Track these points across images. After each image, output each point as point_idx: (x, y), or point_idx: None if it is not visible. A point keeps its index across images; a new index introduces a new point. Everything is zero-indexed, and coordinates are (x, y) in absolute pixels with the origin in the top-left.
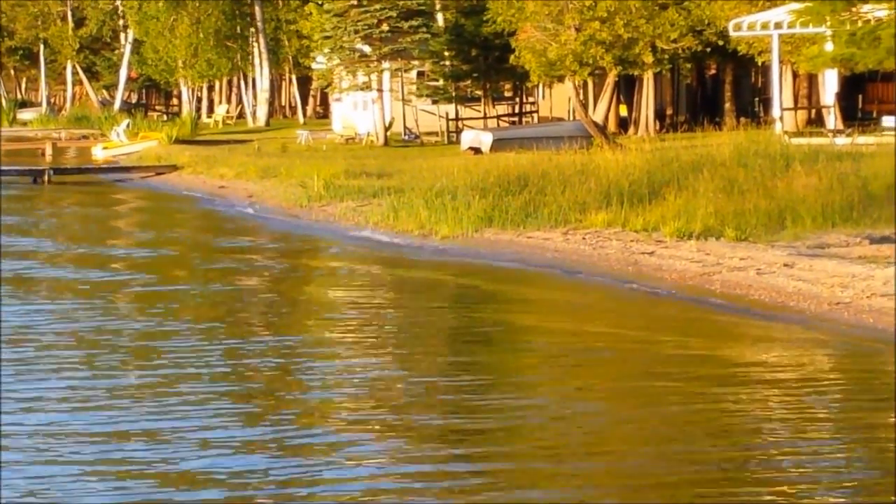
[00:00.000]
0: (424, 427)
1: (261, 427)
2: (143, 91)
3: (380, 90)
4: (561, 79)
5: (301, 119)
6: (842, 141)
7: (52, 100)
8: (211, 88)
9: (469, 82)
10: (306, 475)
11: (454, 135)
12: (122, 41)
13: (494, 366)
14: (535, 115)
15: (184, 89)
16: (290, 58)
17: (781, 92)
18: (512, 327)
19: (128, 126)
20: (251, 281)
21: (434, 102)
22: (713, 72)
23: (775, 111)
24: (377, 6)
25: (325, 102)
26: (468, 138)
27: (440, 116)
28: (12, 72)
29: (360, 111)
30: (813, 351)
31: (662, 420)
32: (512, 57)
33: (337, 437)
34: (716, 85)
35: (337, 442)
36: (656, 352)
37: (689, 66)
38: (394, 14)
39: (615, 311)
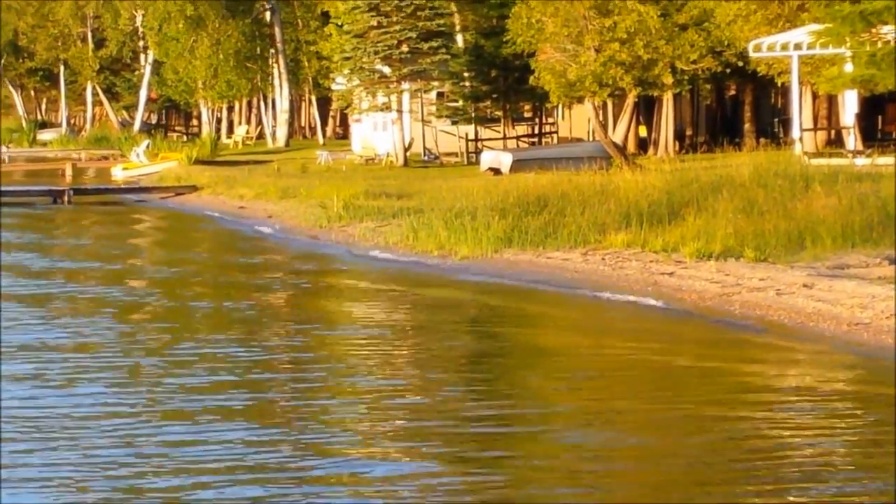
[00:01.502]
0: (445, 446)
1: (279, 444)
2: (163, 112)
3: (399, 111)
4: (580, 100)
5: (321, 140)
6: (861, 162)
7: (72, 120)
8: (231, 109)
9: (489, 103)
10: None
11: (474, 155)
12: (142, 62)
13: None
14: (554, 136)
15: (203, 110)
16: (310, 79)
17: (801, 113)
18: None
19: (147, 147)
20: (273, 299)
21: (454, 123)
22: (733, 93)
23: (795, 132)
24: (397, 27)
25: (344, 123)
26: (488, 159)
27: (460, 137)
28: (32, 93)
29: (379, 132)
30: (831, 371)
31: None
32: (531, 78)
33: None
34: (735, 106)
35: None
36: (675, 370)
37: (708, 86)
38: (413, 35)
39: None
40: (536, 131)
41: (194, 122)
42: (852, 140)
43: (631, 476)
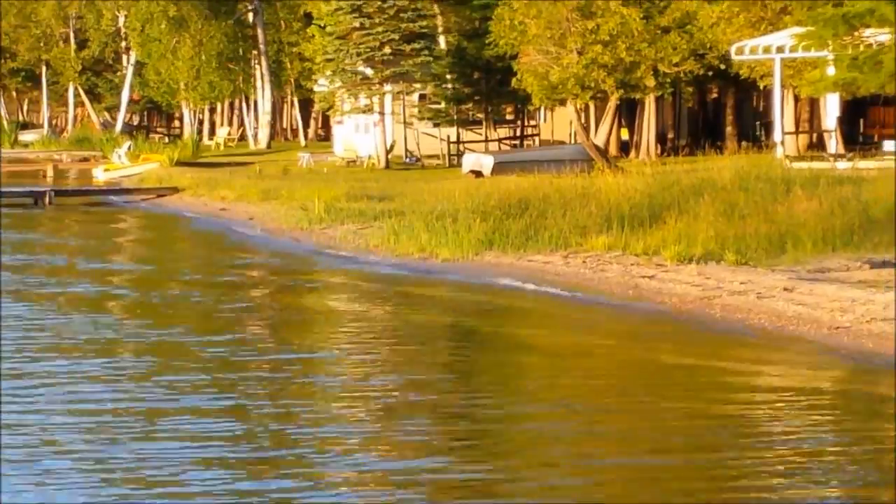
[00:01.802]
0: (428, 445)
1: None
2: (145, 113)
3: (381, 113)
4: (562, 102)
5: (302, 141)
6: (843, 165)
7: (54, 121)
8: (213, 111)
9: (471, 105)
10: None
11: (455, 158)
12: (125, 63)
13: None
14: (536, 139)
15: (185, 111)
16: (292, 80)
17: (783, 116)
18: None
19: (129, 148)
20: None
21: (435, 125)
22: (715, 95)
23: (777, 135)
24: (379, 29)
25: (326, 125)
26: (469, 161)
27: (441, 139)
28: (14, 93)
29: (361, 134)
30: (812, 374)
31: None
32: (514, 80)
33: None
34: (717, 109)
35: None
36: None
37: (690, 89)
38: (396, 37)
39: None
40: (518, 134)
41: (176, 123)
42: (834, 143)
43: (615, 472)
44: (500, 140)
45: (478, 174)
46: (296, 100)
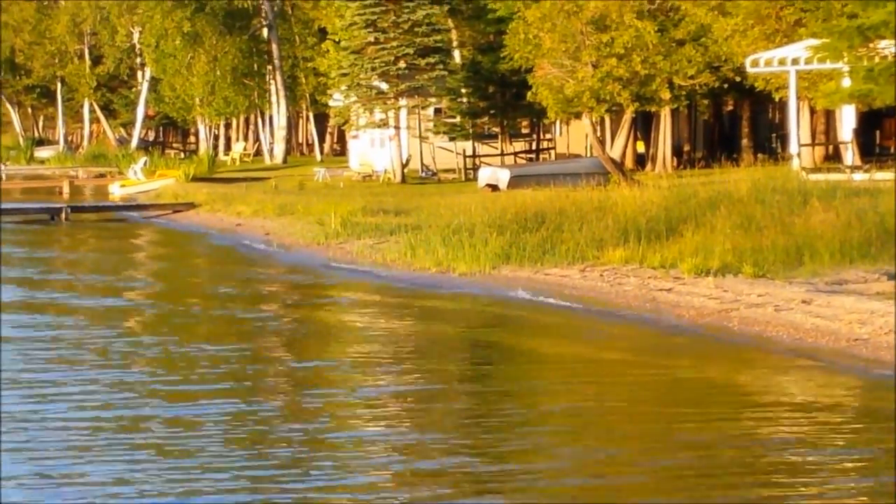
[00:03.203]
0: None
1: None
2: (161, 129)
3: (397, 127)
4: (578, 115)
5: (318, 156)
6: (859, 177)
7: (70, 138)
8: (228, 126)
9: (486, 119)
10: None
11: (471, 172)
12: (140, 79)
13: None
14: (552, 152)
15: (201, 127)
16: (307, 95)
17: (799, 128)
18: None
19: (145, 164)
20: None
21: (451, 139)
22: (730, 108)
23: (793, 147)
24: (394, 43)
25: (342, 140)
26: (485, 175)
27: (457, 153)
28: (30, 110)
29: (377, 148)
30: (830, 387)
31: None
32: (529, 94)
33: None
34: (733, 121)
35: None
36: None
37: (706, 102)
38: (411, 51)
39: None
40: (534, 147)
41: (192, 139)
42: (850, 155)
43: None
44: (515, 154)
45: (494, 188)
46: (311, 115)
